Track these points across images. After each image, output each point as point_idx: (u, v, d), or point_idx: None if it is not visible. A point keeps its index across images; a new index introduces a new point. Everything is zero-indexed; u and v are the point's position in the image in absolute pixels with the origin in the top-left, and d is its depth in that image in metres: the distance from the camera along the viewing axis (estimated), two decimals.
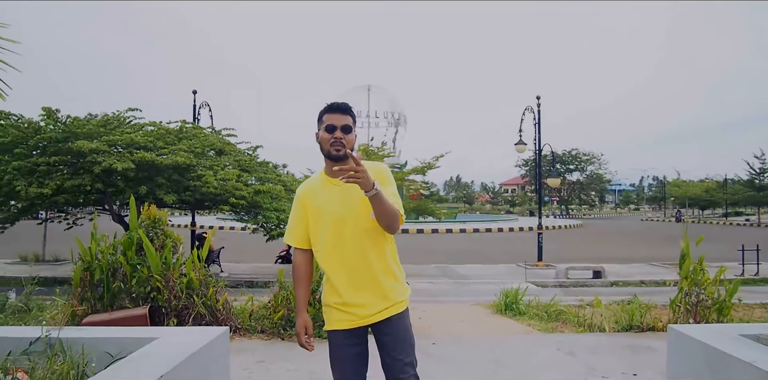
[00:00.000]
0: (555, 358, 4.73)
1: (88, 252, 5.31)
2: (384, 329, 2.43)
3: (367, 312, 2.40)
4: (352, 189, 2.33)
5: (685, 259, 5.83)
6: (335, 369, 2.48)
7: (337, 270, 2.42)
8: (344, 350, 2.45)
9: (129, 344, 2.80)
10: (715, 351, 2.87)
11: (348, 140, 2.38)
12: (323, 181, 2.48)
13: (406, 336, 2.47)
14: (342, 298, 2.41)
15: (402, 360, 2.41)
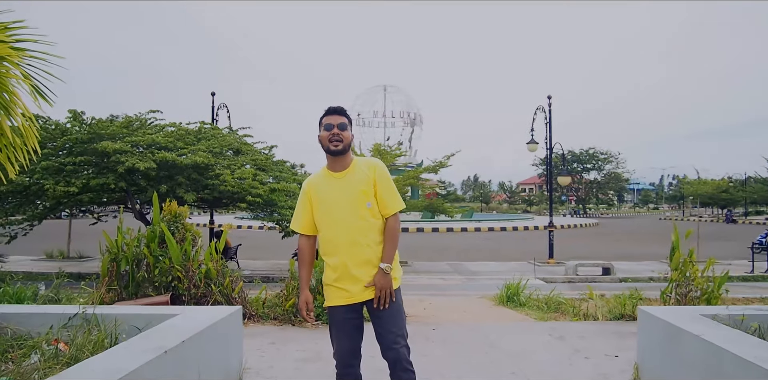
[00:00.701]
0: (544, 342, 5.07)
1: (115, 245, 5.75)
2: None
3: (362, 290, 2.73)
4: (351, 182, 2.78)
5: (674, 252, 6.12)
6: (335, 339, 2.82)
7: (336, 252, 2.76)
8: (343, 323, 2.78)
9: (154, 319, 3.21)
10: (672, 327, 3.20)
11: (344, 136, 2.76)
12: (326, 175, 2.84)
13: (398, 310, 2.79)
14: (340, 277, 2.75)
15: (395, 332, 2.73)
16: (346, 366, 2.80)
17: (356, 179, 2.78)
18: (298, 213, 2.91)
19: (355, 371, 2.83)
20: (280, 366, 4.24)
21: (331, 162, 2.83)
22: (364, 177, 2.78)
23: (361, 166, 2.83)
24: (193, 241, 6.06)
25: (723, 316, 3.40)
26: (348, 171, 2.81)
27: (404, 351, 2.75)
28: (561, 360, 4.49)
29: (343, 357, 2.79)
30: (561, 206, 75.93)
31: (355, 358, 2.83)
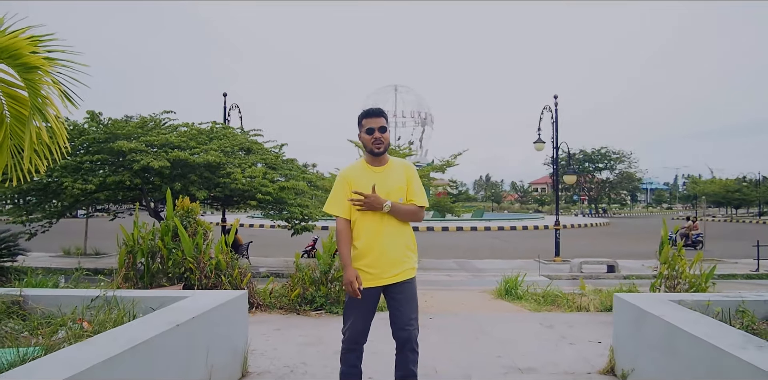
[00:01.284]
0: (534, 329, 5.36)
1: (131, 238, 6.11)
2: (397, 289, 3.05)
3: (385, 274, 3.02)
4: (388, 177, 3.12)
5: (663, 247, 6.37)
6: (349, 317, 3.08)
7: (367, 238, 3.04)
8: (361, 303, 3.03)
9: (167, 301, 3.55)
10: (640, 311, 3.48)
11: (385, 138, 3.08)
12: (365, 168, 3.14)
13: (414, 296, 3.12)
14: (367, 262, 3.03)
15: (409, 315, 3.05)
16: (354, 343, 3.08)
17: (393, 176, 3.10)
18: (338, 198, 3.13)
19: (360, 348, 3.11)
20: (283, 348, 4.58)
21: (372, 159, 3.14)
22: (399, 175, 3.11)
23: (397, 165, 3.16)
24: (205, 235, 6.40)
25: (689, 301, 3.66)
26: (386, 167, 3.14)
27: (415, 333, 3.07)
28: (547, 345, 4.77)
29: (353, 335, 3.06)
30: (573, 206, 75.86)
31: (363, 337, 3.10)
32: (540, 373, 3.96)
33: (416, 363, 3.13)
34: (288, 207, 12.51)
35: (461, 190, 76.24)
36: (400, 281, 3.06)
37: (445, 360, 4.27)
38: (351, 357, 3.10)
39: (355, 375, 3.13)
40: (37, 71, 2.70)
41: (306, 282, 6.17)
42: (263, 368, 4.02)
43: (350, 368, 3.11)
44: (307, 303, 6.07)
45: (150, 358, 2.58)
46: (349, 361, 3.10)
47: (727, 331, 2.84)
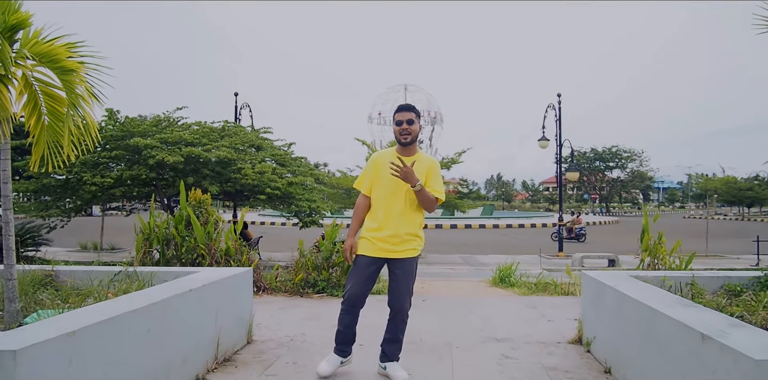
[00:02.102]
0: (518, 310, 5.78)
1: (148, 226, 6.61)
2: (399, 264, 3.48)
3: (391, 248, 3.46)
4: (414, 167, 3.51)
5: (644, 235, 6.77)
6: (351, 282, 3.51)
7: (382, 215, 3.48)
8: (364, 269, 3.48)
9: (181, 274, 4.03)
10: (599, 284, 3.91)
11: (412, 130, 3.53)
12: (393, 156, 3.52)
13: (412, 274, 3.57)
14: (378, 235, 3.46)
15: (405, 287, 3.52)
16: (352, 305, 3.49)
17: (417, 167, 3.51)
18: (365, 177, 3.62)
19: (356, 311, 3.53)
20: (286, 322, 5.05)
21: (402, 149, 3.57)
22: (422, 168, 3.54)
23: (424, 159, 3.61)
24: (215, 224, 6.89)
25: (647, 277, 4.08)
26: (413, 157, 3.54)
27: (407, 305, 3.55)
28: (527, 322, 5.20)
29: (353, 298, 3.48)
30: (585, 205, 75.86)
31: (360, 302, 3.51)
32: (515, 342, 4.40)
33: (403, 331, 3.59)
34: (296, 202, 13.00)
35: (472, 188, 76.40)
36: (402, 258, 3.50)
37: (430, 332, 4.71)
38: (347, 318, 3.52)
39: (349, 334, 3.56)
40: (73, 73, 3.18)
41: (309, 268, 6.64)
42: (267, 337, 4.49)
43: (346, 327, 3.54)
44: (310, 287, 6.54)
45: (167, 314, 3.05)
46: (345, 321, 3.53)
47: (664, 296, 3.26)
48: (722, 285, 4.10)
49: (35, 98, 3.35)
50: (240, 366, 3.75)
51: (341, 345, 3.59)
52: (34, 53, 3.14)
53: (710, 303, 3.39)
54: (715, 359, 2.27)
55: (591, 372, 3.63)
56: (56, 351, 2.18)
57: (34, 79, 3.31)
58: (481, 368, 3.74)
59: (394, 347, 3.55)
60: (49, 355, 2.15)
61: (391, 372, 3.49)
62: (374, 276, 3.56)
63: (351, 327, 3.56)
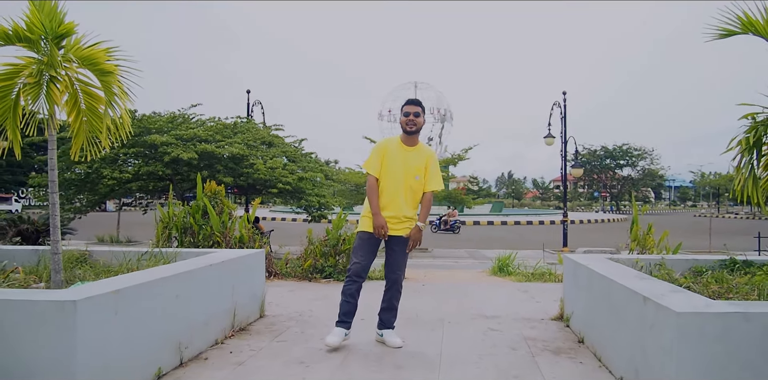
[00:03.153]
0: (510, 294, 6.22)
1: (167, 215, 7.11)
2: (397, 241, 3.92)
3: (391, 227, 3.87)
4: (414, 157, 4.03)
5: (634, 226, 7.16)
6: (355, 256, 3.92)
7: (386, 198, 3.89)
8: (367, 244, 3.92)
9: (201, 253, 4.51)
10: (576, 264, 4.35)
11: (417, 121, 3.94)
12: (399, 145, 3.96)
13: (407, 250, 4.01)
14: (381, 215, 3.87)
15: (400, 262, 3.98)
16: (357, 276, 3.87)
17: (417, 157, 3.98)
18: (374, 160, 3.95)
19: (361, 281, 3.90)
20: (294, 301, 5.53)
21: (406, 138, 3.97)
22: (422, 158, 4.00)
23: (424, 150, 4.07)
24: (230, 214, 7.38)
25: (622, 259, 4.50)
26: (415, 148, 3.97)
27: (401, 277, 4.02)
28: (516, 302, 5.65)
29: (357, 269, 3.87)
30: (595, 203, 75.91)
31: (364, 272, 3.90)
32: (502, 319, 4.84)
33: (398, 300, 4.04)
34: (306, 197, 13.50)
35: (482, 186, 76.42)
36: (400, 235, 3.94)
37: (426, 311, 5.16)
38: (351, 288, 3.88)
39: (352, 304, 3.92)
40: (110, 75, 3.66)
41: (317, 255, 7.12)
42: (278, 313, 4.97)
43: (349, 297, 3.90)
44: (318, 272, 7.01)
45: (191, 283, 3.53)
46: (350, 291, 3.89)
47: (627, 272, 3.69)
48: (690, 268, 4.51)
49: (76, 96, 3.84)
50: (254, 334, 4.23)
51: (344, 317, 3.90)
52: (77, 57, 3.63)
53: (663, 277, 3.81)
54: (652, 315, 2.70)
55: (566, 342, 4.06)
56: (105, 304, 2.66)
57: (76, 79, 3.80)
58: (467, 338, 4.19)
59: (390, 314, 4.00)
60: (100, 306, 2.62)
61: (387, 338, 3.94)
62: (375, 251, 4.01)
63: (354, 297, 3.91)
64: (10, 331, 2.48)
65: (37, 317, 2.46)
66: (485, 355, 3.73)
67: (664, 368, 2.54)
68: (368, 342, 4.04)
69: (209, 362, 3.51)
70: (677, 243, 7.05)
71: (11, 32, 3.48)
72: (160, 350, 3.15)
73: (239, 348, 3.83)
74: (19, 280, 3.87)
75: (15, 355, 2.46)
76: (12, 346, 2.46)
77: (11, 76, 3.53)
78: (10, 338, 2.47)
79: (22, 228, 9.14)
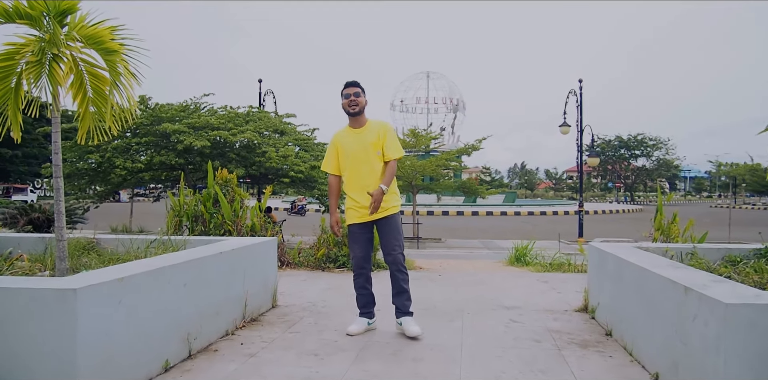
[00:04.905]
0: (529, 284, 6.03)
1: (178, 204, 6.98)
2: (384, 222, 3.82)
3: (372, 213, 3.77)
4: (366, 136, 3.89)
5: (658, 214, 6.92)
6: (352, 248, 3.91)
7: (355, 187, 3.83)
8: (358, 236, 3.88)
9: (210, 242, 4.36)
10: (603, 253, 4.14)
11: (359, 101, 3.82)
12: (347, 131, 3.92)
13: (397, 228, 3.88)
14: (358, 204, 3.82)
15: (393, 242, 3.83)
16: (360, 267, 3.87)
17: (370, 134, 3.86)
18: (329, 158, 3.99)
19: (366, 272, 3.89)
20: (307, 291, 5.38)
21: (352, 121, 3.89)
22: (374, 133, 3.86)
23: (374, 125, 3.93)
24: (241, 202, 7.23)
25: (651, 248, 4.30)
26: (364, 128, 3.87)
27: (400, 256, 3.85)
28: (536, 293, 5.45)
29: (358, 261, 3.86)
30: (609, 194, 75.20)
31: (367, 262, 3.88)
32: (523, 310, 4.65)
33: (407, 282, 3.88)
34: (319, 185, 13.35)
35: (495, 177, 75.93)
36: (385, 216, 3.82)
37: (444, 301, 4.99)
38: (360, 280, 3.90)
39: (366, 295, 3.92)
40: (115, 54, 3.50)
41: (330, 244, 6.96)
42: (290, 303, 4.82)
43: (361, 289, 3.91)
44: (331, 262, 6.86)
45: (201, 271, 3.38)
46: (359, 284, 3.91)
47: (658, 260, 3.49)
48: (723, 257, 4.29)
49: (81, 77, 3.68)
50: (266, 324, 4.08)
51: (364, 308, 3.93)
52: (81, 35, 3.46)
53: (701, 265, 3.60)
54: (695, 307, 2.50)
55: (593, 335, 3.87)
56: (109, 292, 2.51)
57: (80, 60, 3.63)
58: (488, 329, 4.01)
59: (402, 298, 3.84)
60: (103, 295, 2.47)
61: (405, 326, 3.78)
62: (370, 239, 3.93)
63: (366, 287, 3.91)
64: (8, 321, 2.33)
65: (36, 306, 2.32)
66: (508, 348, 3.55)
67: (707, 363, 2.35)
68: (385, 333, 3.88)
69: (219, 354, 3.36)
70: (700, 233, 6.83)
71: (11, 9, 3.32)
72: (167, 341, 3.00)
73: (250, 339, 3.68)
74: (23, 268, 3.75)
75: (13, 346, 2.32)
76: (10, 336, 2.32)
77: (12, 55, 3.38)
78: (9, 328, 2.33)
79: (33, 216, 9.07)
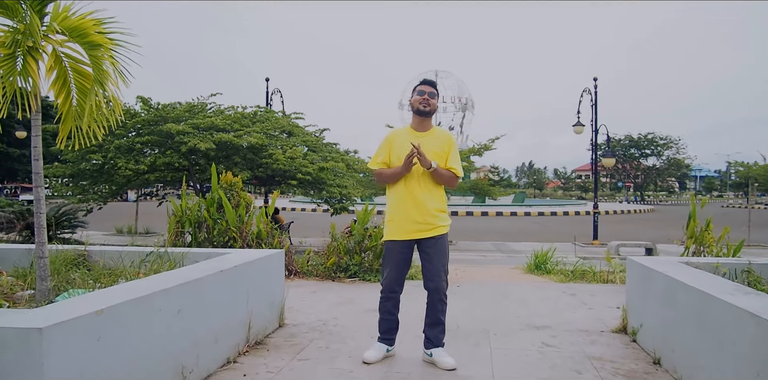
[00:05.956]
0: (556, 297, 5.60)
1: (180, 208, 6.59)
2: (430, 243, 3.37)
3: (420, 228, 3.33)
4: (429, 142, 3.42)
5: (691, 221, 6.48)
6: (386, 268, 3.44)
7: (403, 196, 3.36)
8: (396, 254, 3.40)
9: (212, 255, 3.97)
10: (647, 269, 3.71)
11: (432, 103, 3.40)
12: (408, 132, 3.46)
13: (444, 251, 3.44)
14: (403, 217, 3.35)
15: (438, 267, 3.40)
16: (391, 290, 3.42)
17: (434, 142, 3.40)
18: (380, 155, 3.48)
19: (397, 296, 3.45)
20: (317, 306, 4.97)
21: (418, 122, 3.46)
22: (440, 143, 3.41)
23: (440, 134, 3.49)
24: (246, 207, 6.84)
25: (698, 263, 3.86)
26: (428, 134, 3.43)
27: (444, 284, 3.42)
28: (566, 309, 5.02)
29: (390, 283, 3.41)
30: (618, 193, 74.42)
31: (399, 286, 3.44)
32: (554, 330, 4.23)
33: (444, 313, 3.44)
34: (327, 187, 12.94)
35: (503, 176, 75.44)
36: (432, 236, 3.36)
37: (466, 318, 4.57)
38: (388, 305, 3.45)
39: (391, 320, 3.47)
40: (100, 48, 3.10)
41: (341, 252, 6.56)
42: (299, 321, 4.41)
43: (386, 314, 3.46)
44: (342, 271, 6.45)
45: (198, 294, 2.98)
46: (386, 308, 3.45)
47: (720, 282, 3.05)
48: None
49: (65, 75, 3.29)
50: (272, 349, 3.67)
51: (385, 334, 3.50)
52: (63, 27, 3.07)
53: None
54: None
55: (639, 363, 3.45)
56: (84, 329, 2.11)
57: (64, 55, 3.24)
58: (520, 356, 3.59)
59: (437, 330, 3.42)
60: (77, 333, 2.07)
61: (437, 358, 3.35)
62: (408, 259, 3.46)
63: (393, 313, 3.48)
64: None
65: None
66: None
67: None
68: (406, 362, 3.46)
69: None
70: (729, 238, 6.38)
71: None
72: (157, 377, 2.60)
73: (254, 368, 3.27)
74: (2, 287, 3.37)
75: None
76: None
77: None
78: None
79: (31, 221, 8.71)
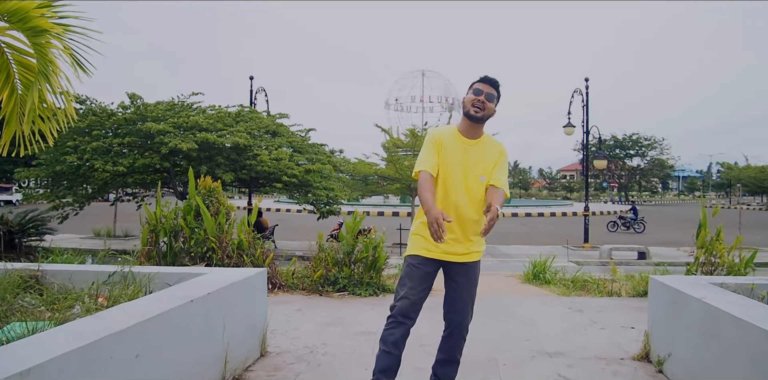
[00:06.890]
0: (563, 313, 5.17)
1: (154, 216, 6.06)
2: (460, 270, 2.85)
3: (453, 250, 2.78)
4: (475, 152, 2.82)
5: (701, 230, 6.09)
6: (403, 286, 2.77)
7: (443, 207, 2.72)
8: (419, 273, 2.76)
9: (185, 277, 3.47)
10: (678, 293, 3.28)
11: (488, 106, 2.78)
12: (455, 136, 2.84)
13: (475, 281, 2.95)
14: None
15: (466, 299, 2.91)
16: (405, 316, 2.71)
17: (483, 153, 2.84)
18: (427, 157, 2.79)
19: (410, 324, 2.74)
20: (304, 328, 4.49)
21: (467, 127, 2.84)
22: (489, 155, 2.85)
23: (491, 144, 2.90)
24: (227, 215, 6.34)
25: (731, 285, 3.45)
26: (478, 142, 2.86)
27: (468, 319, 2.91)
28: (576, 329, 4.60)
29: (405, 306, 2.71)
30: (603, 193, 74.65)
31: (414, 312, 2.74)
32: (569, 358, 3.79)
33: (461, 350, 2.96)
34: (313, 190, 12.46)
35: None
36: (466, 261, 2.85)
37: (470, 342, 4.07)
38: (396, 333, 2.70)
39: (393, 357, 2.70)
40: (46, 35, 2.61)
41: (329, 263, 6.08)
42: (283, 348, 3.93)
43: (391, 347, 2.69)
44: (330, 284, 5.98)
45: (162, 332, 2.49)
46: (392, 338, 2.69)
47: None
48: None
49: (8, 68, 2.80)
50: None
51: (382, 374, 2.69)
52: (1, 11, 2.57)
53: None
54: None
55: None
56: None
57: (5, 45, 2.75)
58: None
59: (450, 369, 2.93)
60: None
61: None
62: (431, 281, 2.81)
63: (398, 347, 2.71)
64: None
65: None
66: None
67: None
68: None
69: None
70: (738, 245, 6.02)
71: None
72: None
73: None
74: None
75: None
76: None
77: None
78: None
79: None
